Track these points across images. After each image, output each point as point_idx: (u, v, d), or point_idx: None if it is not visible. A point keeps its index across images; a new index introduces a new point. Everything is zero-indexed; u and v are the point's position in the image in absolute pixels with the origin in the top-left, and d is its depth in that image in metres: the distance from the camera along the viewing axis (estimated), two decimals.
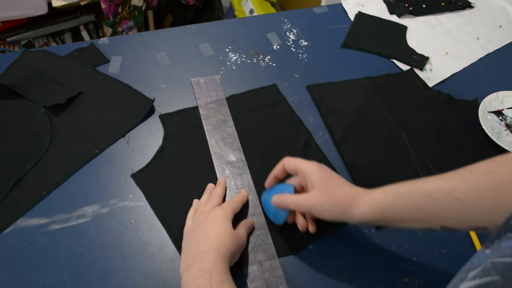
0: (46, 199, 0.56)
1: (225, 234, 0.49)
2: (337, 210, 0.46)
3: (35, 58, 0.72)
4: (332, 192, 0.47)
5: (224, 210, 0.51)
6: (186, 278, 0.45)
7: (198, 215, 0.52)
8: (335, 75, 0.76)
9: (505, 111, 0.72)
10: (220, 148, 0.63)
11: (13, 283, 0.50)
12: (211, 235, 0.48)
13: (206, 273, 0.44)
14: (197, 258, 0.46)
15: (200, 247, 0.47)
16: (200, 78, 0.72)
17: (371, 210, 0.45)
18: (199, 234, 0.49)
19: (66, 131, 0.63)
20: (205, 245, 0.47)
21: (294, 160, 0.51)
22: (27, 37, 1.41)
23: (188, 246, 0.49)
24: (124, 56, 0.75)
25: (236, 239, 0.49)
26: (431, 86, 0.76)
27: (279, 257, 0.53)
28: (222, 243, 0.47)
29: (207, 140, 0.64)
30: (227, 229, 0.49)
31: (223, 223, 0.50)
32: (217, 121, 0.66)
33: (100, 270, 0.51)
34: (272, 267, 0.52)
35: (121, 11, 1.46)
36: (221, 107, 0.68)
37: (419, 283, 0.53)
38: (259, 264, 0.52)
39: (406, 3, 0.91)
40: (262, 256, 0.53)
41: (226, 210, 0.51)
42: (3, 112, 0.64)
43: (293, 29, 0.84)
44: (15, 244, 0.52)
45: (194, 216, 0.53)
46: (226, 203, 0.53)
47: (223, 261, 0.46)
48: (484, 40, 0.86)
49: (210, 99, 0.69)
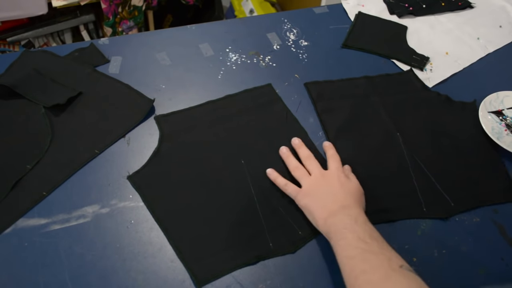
0: (46, 199, 0.56)
1: (358, 192, 0.55)
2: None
3: (35, 58, 0.72)
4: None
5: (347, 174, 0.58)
6: (332, 220, 0.51)
7: (323, 173, 0.57)
8: (335, 75, 0.76)
9: (505, 111, 0.72)
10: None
11: (13, 283, 0.50)
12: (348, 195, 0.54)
13: (352, 217, 0.50)
14: (340, 209, 0.51)
15: (340, 202, 0.53)
16: None
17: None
18: (336, 191, 0.54)
19: (66, 131, 0.63)
20: (345, 200, 0.53)
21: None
22: (27, 37, 1.41)
23: (323, 199, 0.54)
24: (124, 56, 0.75)
25: (362, 191, 0.56)
26: (431, 86, 0.76)
27: (276, 256, 0.54)
28: (359, 198, 0.54)
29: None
30: (355, 187, 0.56)
31: (349, 183, 0.56)
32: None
33: (100, 270, 0.51)
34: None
35: (121, 11, 1.46)
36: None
37: None
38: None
39: (406, 3, 0.91)
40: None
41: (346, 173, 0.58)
42: (3, 112, 0.64)
43: (293, 29, 0.84)
44: (15, 244, 0.52)
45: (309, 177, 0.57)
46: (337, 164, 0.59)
47: (363, 212, 0.52)
48: (484, 40, 0.86)
49: None
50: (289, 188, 0.57)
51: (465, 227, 0.59)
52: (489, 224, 0.59)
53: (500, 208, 0.61)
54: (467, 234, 0.58)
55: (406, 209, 0.59)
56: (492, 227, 0.59)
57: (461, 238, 0.58)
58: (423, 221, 0.59)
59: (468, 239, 0.58)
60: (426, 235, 0.58)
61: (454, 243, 0.57)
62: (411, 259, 0.55)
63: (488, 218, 0.60)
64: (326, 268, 0.54)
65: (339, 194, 0.54)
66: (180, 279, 0.52)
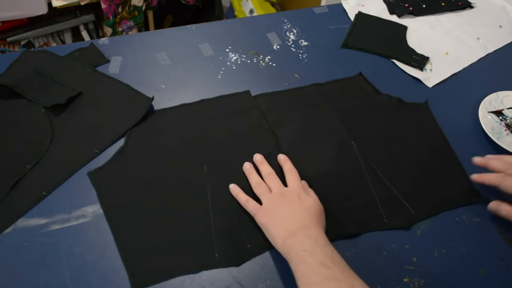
0: (46, 199, 0.56)
1: (318, 209, 0.53)
2: None
3: (35, 58, 0.72)
4: None
5: (304, 190, 0.55)
6: (291, 241, 0.49)
7: (283, 191, 0.55)
8: (335, 75, 0.76)
9: (505, 111, 0.72)
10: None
11: (13, 283, 0.50)
12: (307, 213, 0.52)
13: (312, 238, 0.48)
14: (299, 229, 0.50)
15: (299, 221, 0.51)
16: None
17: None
18: (296, 210, 0.52)
19: (66, 131, 0.63)
20: (306, 220, 0.51)
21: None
22: (27, 37, 1.40)
23: (283, 219, 0.52)
24: (124, 56, 0.75)
25: (321, 208, 0.54)
26: (431, 86, 0.76)
27: (220, 267, 0.53)
28: (319, 216, 0.53)
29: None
30: (315, 205, 0.54)
31: (309, 200, 0.54)
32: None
33: (100, 270, 0.51)
34: None
35: (121, 11, 1.46)
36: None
37: (419, 283, 0.53)
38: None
39: (406, 3, 0.91)
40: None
41: (304, 189, 0.56)
42: (3, 112, 0.64)
43: (293, 29, 0.84)
44: (15, 244, 0.52)
45: (270, 194, 0.55)
46: (297, 181, 0.56)
47: (323, 231, 0.50)
48: (484, 40, 0.86)
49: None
50: (249, 205, 0.55)
51: (465, 227, 0.59)
52: (489, 224, 0.59)
53: None
54: (467, 234, 0.58)
55: (366, 222, 0.58)
56: (492, 227, 0.59)
57: (461, 238, 0.58)
58: (423, 221, 0.59)
59: (468, 239, 0.58)
60: (426, 235, 0.58)
61: (454, 243, 0.57)
62: (411, 259, 0.55)
63: (488, 218, 0.60)
64: None
65: (298, 212, 0.52)
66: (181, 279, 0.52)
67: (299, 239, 0.48)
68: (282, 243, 0.49)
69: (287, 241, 0.49)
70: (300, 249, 0.47)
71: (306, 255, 0.46)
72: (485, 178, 0.57)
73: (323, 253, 0.46)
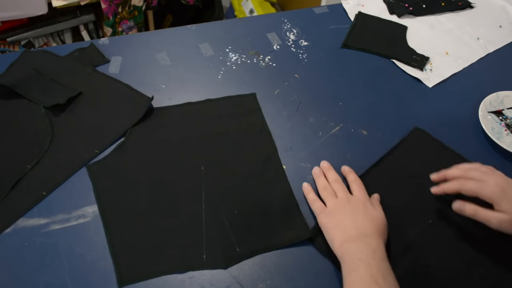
0: (46, 199, 0.56)
1: (382, 222, 0.53)
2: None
3: (35, 58, 0.72)
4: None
5: (373, 202, 0.56)
6: (348, 246, 0.49)
7: (349, 198, 0.56)
8: (335, 75, 0.76)
9: (505, 111, 0.72)
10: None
11: (13, 283, 0.50)
12: (370, 223, 0.52)
13: (370, 247, 0.48)
14: (360, 236, 0.50)
15: (361, 229, 0.51)
16: None
17: None
18: (359, 217, 0.53)
19: (66, 131, 0.63)
20: (368, 229, 0.51)
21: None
22: (27, 37, 1.40)
23: (344, 223, 0.52)
24: (124, 56, 0.75)
25: (386, 223, 0.54)
26: (431, 86, 0.76)
27: (206, 269, 0.52)
28: (382, 229, 0.52)
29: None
30: (380, 218, 0.53)
31: (374, 212, 0.54)
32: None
33: (100, 270, 0.51)
34: None
35: (121, 11, 1.46)
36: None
37: None
38: None
39: (406, 3, 0.91)
40: None
41: (372, 202, 0.56)
42: (3, 112, 0.64)
43: (293, 29, 0.84)
44: (15, 244, 0.52)
45: (336, 198, 0.56)
46: (362, 191, 0.57)
47: (384, 246, 0.50)
48: (484, 40, 0.86)
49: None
50: (315, 205, 0.57)
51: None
52: None
53: None
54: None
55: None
56: None
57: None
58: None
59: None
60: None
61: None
62: None
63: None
64: (327, 268, 0.54)
65: (361, 220, 0.52)
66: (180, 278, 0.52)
67: (358, 245, 0.49)
68: (340, 245, 0.50)
69: (344, 244, 0.49)
70: (355, 256, 0.47)
71: (360, 265, 0.46)
72: (445, 187, 0.56)
73: (377, 267, 0.46)
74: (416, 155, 0.65)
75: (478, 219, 0.52)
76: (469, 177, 0.54)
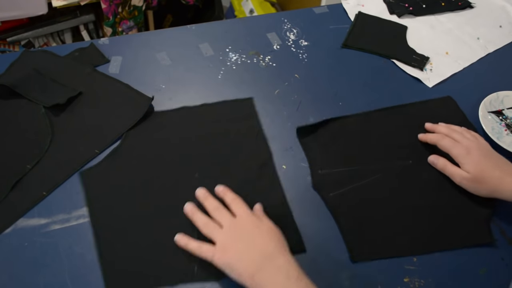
0: (46, 199, 0.56)
1: (274, 233, 0.50)
2: (483, 192, 0.58)
3: (35, 58, 0.72)
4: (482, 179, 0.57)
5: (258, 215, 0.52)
6: (260, 276, 0.45)
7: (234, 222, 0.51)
8: (335, 75, 0.76)
9: (505, 111, 0.72)
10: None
11: (13, 283, 0.50)
12: (267, 239, 0.49)
13: (282, 270, 0.46)
14: (266, 260, 0.47)
15: (263, 250, 0.48)
16: None
17: None
18: (253, 238, 0.49)
19: (66, 131, 0.63)
20: (268, 246, 0.48)
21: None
22: (27, 37, 1.40)
23: (244, 252, 0.48)
24: (124, 56, 0.75)
25: (278, 231, 0.51)
26: (431, 86, 0.76)
27: (198, 281, 0.51)
28: (279, 240, 0.49)
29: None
30: (271, 228, 0.51)
31: (264, 225, 0.51)
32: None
33: (100, 270, 0.51)
34: None
35: (121, 11, 1.46)
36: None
37: (419, 283, 0.53)
38: None
39: (406, 3, 0.91)
40: None
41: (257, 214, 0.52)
42: (3, 112, 0.64)
43: (293, 29, 0.84)
44: (15, 244, 0.52)
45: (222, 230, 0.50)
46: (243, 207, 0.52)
47: (291, 258, 0.47)
48: (484, 40, 0.86)
49: None
50: (202, 249, 0.49)
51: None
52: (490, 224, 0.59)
53: (500, 208, 0.61)
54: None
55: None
56: (492, 226, 0.59)
57: None
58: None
59: None
60: None
61: None
62: (411, 259, 0.55)
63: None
64: (327, 268, 0.54)
65: (258, 240, 0.48)
66: None
67: (269, 272, 0.45)
68: (251, 279, 0.45)
69: (255, 277, 0.45)
70: (270, 286, 0.44)
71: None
72: (427, 137, 0.65)
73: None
74: (435, 114, 0.70)
75: (445, 173, 0.61)
76: (451, 136, 0.62)
